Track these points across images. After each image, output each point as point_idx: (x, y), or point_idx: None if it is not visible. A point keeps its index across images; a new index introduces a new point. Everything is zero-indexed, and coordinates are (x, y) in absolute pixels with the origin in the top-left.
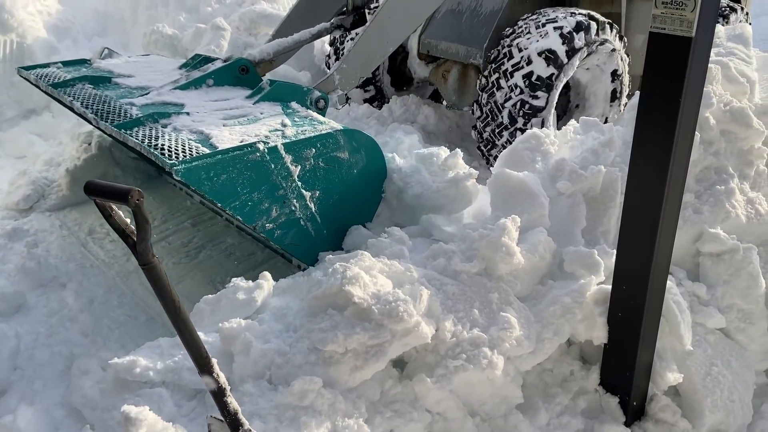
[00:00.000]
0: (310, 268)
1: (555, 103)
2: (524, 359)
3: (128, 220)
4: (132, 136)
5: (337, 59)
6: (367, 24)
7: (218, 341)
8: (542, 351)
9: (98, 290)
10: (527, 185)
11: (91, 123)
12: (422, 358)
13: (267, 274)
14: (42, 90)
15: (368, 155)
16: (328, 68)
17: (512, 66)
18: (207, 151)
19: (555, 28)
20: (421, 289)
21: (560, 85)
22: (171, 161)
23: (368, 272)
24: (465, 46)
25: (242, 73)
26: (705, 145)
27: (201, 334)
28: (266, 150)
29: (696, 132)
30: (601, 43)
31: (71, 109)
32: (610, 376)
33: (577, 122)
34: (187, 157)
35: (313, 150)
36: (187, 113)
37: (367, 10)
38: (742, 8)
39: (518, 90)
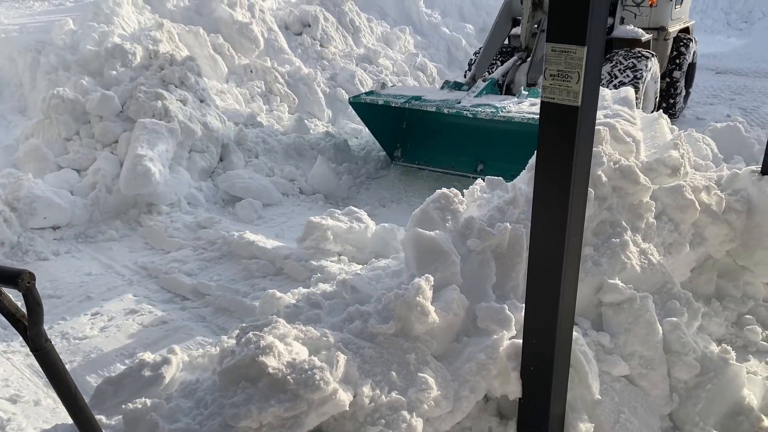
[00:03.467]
0: (222, 338)
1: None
2: (443, 419)
3: (19, 303)
4: (512, 115)
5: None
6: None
7: (122, 425)
8: (460, 410)
9: None
10: (439, 244)
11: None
12: (341, 426)
13: (176, 348)
14: (392, 107)
15: None
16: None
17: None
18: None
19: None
20: (338, 354)
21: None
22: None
23: (283, 340)
24: None
25: (495, 87)
26: (599, 200)
27: (102, 419)
28: None
29: (590, 189)
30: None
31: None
32: (526, 430)
33: None
34: None
35: None
36: (504, 107)
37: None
38: (693, 39)
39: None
